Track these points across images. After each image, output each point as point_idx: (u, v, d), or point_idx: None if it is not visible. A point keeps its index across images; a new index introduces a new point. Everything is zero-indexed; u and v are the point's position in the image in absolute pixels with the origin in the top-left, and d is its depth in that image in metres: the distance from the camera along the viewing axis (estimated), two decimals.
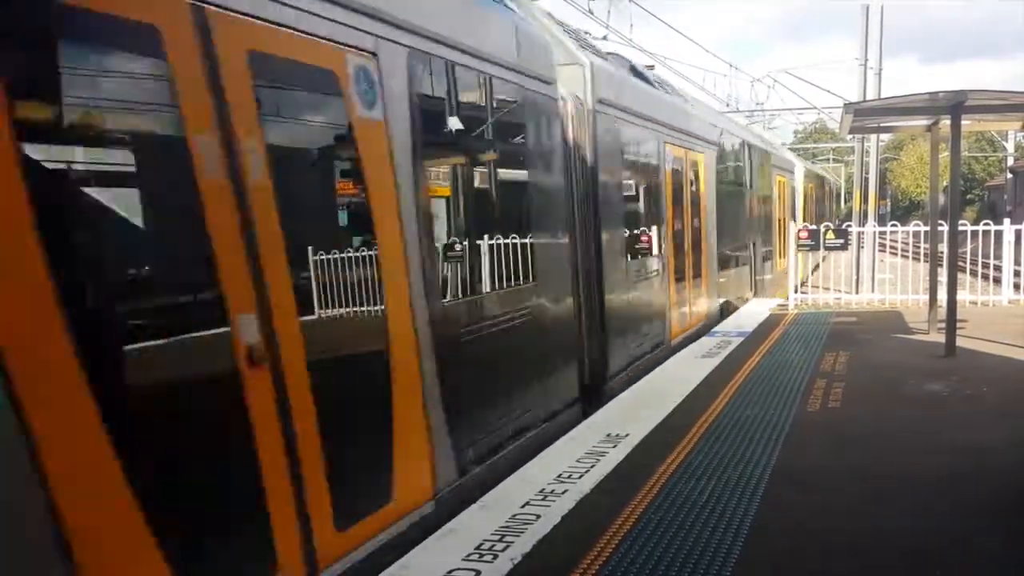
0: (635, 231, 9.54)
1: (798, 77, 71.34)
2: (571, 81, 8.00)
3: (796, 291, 14.90)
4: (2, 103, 2.61)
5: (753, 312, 14.08)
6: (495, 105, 6.42)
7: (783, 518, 4.78)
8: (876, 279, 17.48)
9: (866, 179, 19.09)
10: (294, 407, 3.79)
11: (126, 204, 3.48)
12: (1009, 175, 49.19)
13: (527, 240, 6.72)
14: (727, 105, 30.77)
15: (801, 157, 39.50)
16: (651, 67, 14.09)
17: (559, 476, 5.53)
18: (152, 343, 3.30)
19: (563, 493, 5.20)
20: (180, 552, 3.10)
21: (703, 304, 12.74)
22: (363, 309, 4.56)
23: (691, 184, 12.01)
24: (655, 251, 10.13)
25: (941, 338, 9.86)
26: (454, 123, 5.83)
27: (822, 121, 63.38)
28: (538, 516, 4.82)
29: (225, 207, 3.51)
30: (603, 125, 8.44)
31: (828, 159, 60.30)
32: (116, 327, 3.16)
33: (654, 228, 10.12)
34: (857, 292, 16.57)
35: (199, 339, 3.54)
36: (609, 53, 11.01)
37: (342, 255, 4.45)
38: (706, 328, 12.32)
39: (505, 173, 6.68)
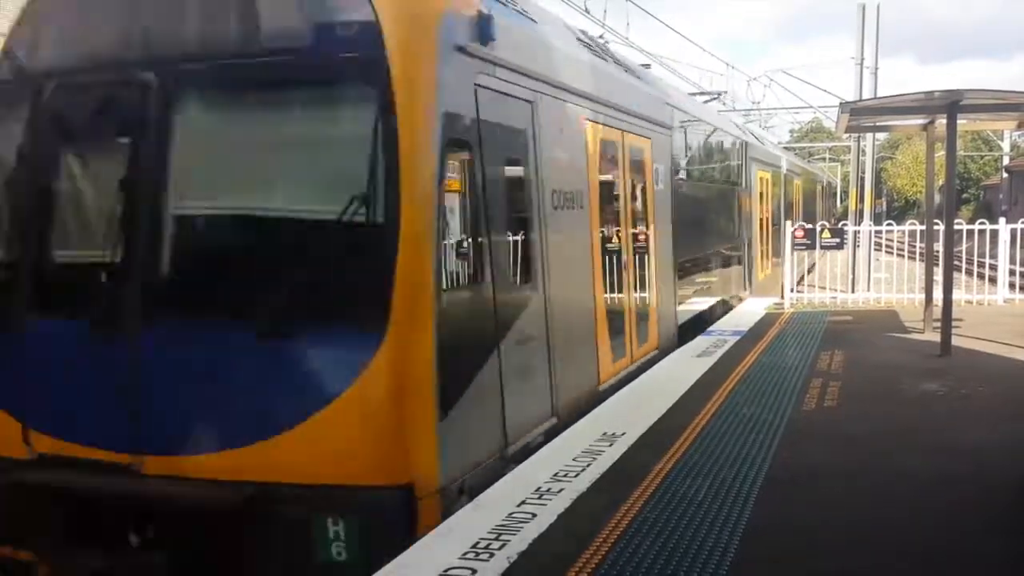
0: (536, 238, 6.53)
1: (795, 76, 71.49)
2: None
3: (792, 290, 14.94)
4: None
5: (748, 311, 14.09)
6: None
7: (779, 517, 4.78)
8: (872, 278, 17.52)
9: (862, 178, 19.12)
10: None
11: None
12: (1005, 174, 49.32)
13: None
14: (724, 104, 30.73)
15: (798, 155, 39.52)
16: (647, 66, 14.08)
17: (555, 475, 5.52)
18: None
19: (559, 492, 5.19)
20: None
21: (652, 329, 9.93)
22: None
23: (632, 177, 9.39)
24: (574, 264, 7.44)
25: (937, 337, 9.87)
26: None
27: (818, 120, 63.52)
28: (534, 515, 4.80)
29: None
30: (458, 79, 5.42)
31: (824, 158, 60.42)
32: None
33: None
34: (853, 291, 16.59)
35: None
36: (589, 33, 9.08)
37: None
38: (656, 359, 9.69)
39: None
